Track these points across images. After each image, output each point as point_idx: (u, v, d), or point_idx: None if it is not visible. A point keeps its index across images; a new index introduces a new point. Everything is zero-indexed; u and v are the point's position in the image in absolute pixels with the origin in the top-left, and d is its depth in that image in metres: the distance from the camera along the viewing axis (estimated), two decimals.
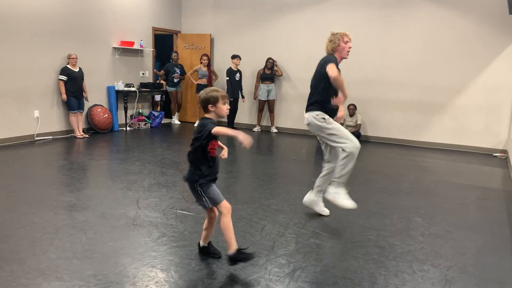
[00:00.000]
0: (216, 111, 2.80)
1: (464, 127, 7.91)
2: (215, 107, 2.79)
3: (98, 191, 4.60)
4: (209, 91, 2.81)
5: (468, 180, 5.72)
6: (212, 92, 2.80)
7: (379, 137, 8.65)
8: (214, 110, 2.79)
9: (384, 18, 8.28)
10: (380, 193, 4.90)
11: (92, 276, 2.72)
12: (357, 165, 6.66)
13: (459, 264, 3.12)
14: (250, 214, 4.02)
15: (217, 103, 2.78)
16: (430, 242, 3.52)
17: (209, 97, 2.78)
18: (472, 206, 4.60)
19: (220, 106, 2.79)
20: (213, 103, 2.78)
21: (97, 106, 8.33)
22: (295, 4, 9.06)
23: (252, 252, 2.93)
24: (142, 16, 9.30)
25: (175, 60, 9.64)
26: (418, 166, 6.48)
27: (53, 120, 7.66)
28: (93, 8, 8.16)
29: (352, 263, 3.06)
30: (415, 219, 4.06)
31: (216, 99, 2.77)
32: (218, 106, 2.79)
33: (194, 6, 10.27)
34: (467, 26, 7.64)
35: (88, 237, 3.34)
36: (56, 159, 6.10)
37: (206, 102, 2.79)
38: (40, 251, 3.06)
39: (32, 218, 3.70)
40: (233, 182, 5.24)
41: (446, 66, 7.89)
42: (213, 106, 2.78)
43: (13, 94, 6.95)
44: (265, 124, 9.75)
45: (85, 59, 7.98)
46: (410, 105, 8.29)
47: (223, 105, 2.80)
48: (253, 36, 9.62)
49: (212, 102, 2.78)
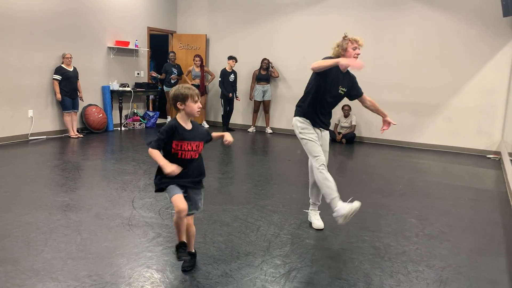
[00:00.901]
0: (186, 110, 2.67)
1: (458, 129, 7.96)
2: (184, 105, 2.66)
3: (93, 191, 4.58)
4: (179, 88, 2.68)
5: (462, 182, 5.76)
6: (182, 89, 2.67)
7: (374, 138, 8.68)
8: (183, 108, 2.67)
9: (378, 19, 8.32)
10: (375, 194, 4.92)
11: (87, 276, 2.71)
12: (352, 166, 6.73)
13: (453, 264, 3.14)
14: (245, 214, 4.02)
15: (186, 101, 2.65)
16: (425, 242, 3.54)
17: (178, 94, 2.66)
18: (466, 207, 4.63)
19: (190, 104, 2.66)
20: (181, 101, 2.65)
21: (91, 106, 8.30)
22: (290, 5, 9.08)
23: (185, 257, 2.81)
24: (137, 16, 9.28)
25: (173, 60, 9.63)
26: (412, 167, 6.52)
27: (47, 119, 7.62)
28: (88, 8, 8.13)
29: (347, 264, 3.07)
30: (409, 220, 4.08)
31: (185, 97, 2.65)
32: (187, 104, 2.66)
33: (190, 6, 10.26)
34: (461, 28, 7.69)
35: (83, 238, 3.32)
36: (50, 159, 6.06)
37: (174, 99, 2.68)
38: (34, 252, 3.04)
39: (26, 218, 3.68)
40: (228, 183, 5.24)
41: (439, 67, 7.94)
42: (182, 104, 2.66)
43: (7, 94, 6.91)
44: (260, 124, 9.76)
45: (80, 59, 7.94)
46: (404, 106, 8.33)
47: (193, 103, 2.67)
48: (248, 36, 9.63)
49: (181, 100, 2.65)
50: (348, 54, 3.56)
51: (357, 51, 3.58)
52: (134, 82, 9.38)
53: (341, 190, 4.96)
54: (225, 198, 4.55)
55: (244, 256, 3.12)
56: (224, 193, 4.74)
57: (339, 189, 3.56)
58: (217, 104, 10.12)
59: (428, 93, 8.09)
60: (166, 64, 9.63)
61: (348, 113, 8.53)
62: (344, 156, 7.40)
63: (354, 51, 3.56)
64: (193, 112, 2.69)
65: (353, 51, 3.55)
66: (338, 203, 3.43)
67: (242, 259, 3.07)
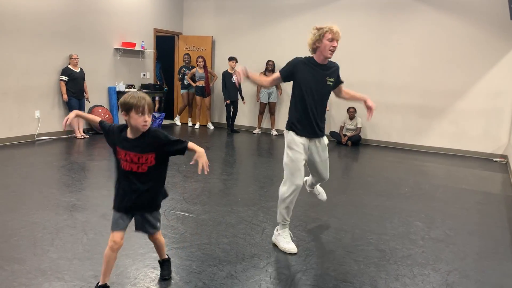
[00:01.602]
0: (129, 121, 2.29)
1: (464, 132, 7.92)
2: (128, 116, 2.28)
3: (99, 191, 4.60)
4: (127, 96, 2.30)
5: (468, 185, 5.73)
6: (129, 98, 2.28)
7: (379, 141, 8.66)
8: (127, 119, 2.30)
9: (384, 21, 8.30)
10: (380, 196, 4.90)
11: (93, 276, 2.72)
12: (357, 169, 6.72)
13: (459, 268, 3.12)
14: (250, 216, 4.02)
15: (130, 111, 2.27)
16: (431, 246, 3.52)
17: (122, 103, 2.29)
18: (472, 210, 4.60)
19: (134, 116, 2.26)
20: (125, 111, 2.28)
21: (98, 106, 8.33)
22: (296, 7, 9.09)
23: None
24: (143, 17, 9.32)
25: (187, 62, 9.68)
26: (418, 170, 6.49)
27: (53, 120, 7.66)
28: (95, 9, 8.17)
29: (353, 267, 3.06)
30: (415, 223, 4.07)
31: (129, 107, 2.26)
32: (131, 115, 2.27)
33: (196, 7, 10.29)
34: (468, 31, 7.66)
35: (89, 238, 3.34)
36: (56, 159, 6.10)
37: (119, 107, 2.33)
38: (41, 251, 3.06)
39: (33, 218, 3.71)
40: (233, 184, 5.25)
41: (446, 70, 7.91)
42: (126, 115, 2.29)
43: (14, 94, 6.96)
44: (265, 126, 9.76)
45: (87, 60, 7.99)
46: (410, 109, 8.30)
47: (137, 116, 2.26)
48: (254, 38, 9.64)
49: (125, 110, 2.28)
50: (323, 46, 3.18)
51: (334, 44, 3.17)
52: (140, 83, 9.42)
53: (346, 193, 4.98)
54: (230, 199, 4.56)
55: (249, 258, 3.12)
56: (229, 195, 4.74)
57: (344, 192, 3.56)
58: (222, 106, 10.14)
59: (435, 95, 8.07)
60: (182, 67, 9.72)
61: (354, 115, 8.52)
62: (350, 158, 7.39)
63: (330, 43, 3.16)
64: (137, 126, 2.30)
65: (329, 43, 3.16)
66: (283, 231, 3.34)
67: (247, 261, 3.07)
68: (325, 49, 3.18)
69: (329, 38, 3.15)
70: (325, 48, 3.18)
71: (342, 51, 8.61)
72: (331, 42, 3.16)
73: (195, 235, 3.50)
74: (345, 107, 8.62)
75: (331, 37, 3.15)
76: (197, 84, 9.46)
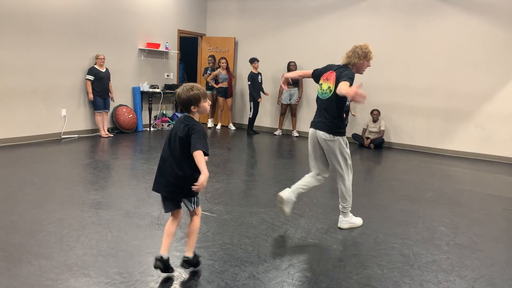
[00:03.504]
0: (199, 110, 2.64)
1: (491, 136, 7.74)
2: (198, 106, 2.62)
3: (123, 190, 4.67)
4: (189, 90, 2.59)
5: (494, 190, 5.60)
6: (194, 90, 2.59)
7: (403, 144, 8.54)
8: (196, 110, 2.63)
9: (409, 23, 8.18)
10: (404, 201, 4.83)
11: (117, 273, 2.76)
12: (380, 172, 6.64)
13: (486, 276, 3.05)
14: (272, 217, 4.02)
15: (199, 102, 2.60)
16: (456, 252, 3.45)
17: (191, 98, 2.58)
18: (499, 217, 4.49)
19: (203, 105, 2.63)
20: (196, 103, 2.60)
21: (122, 106, 8.47)
22: (319, 9, 9.04)
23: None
24: (168, 19, 9.42)
25: (212, 64, 9.78)
26: (443, 175, 6.37)
27: (79, 119, 7.82)
28: (121, 10, 8.31)
29: (376, 271, 3.02)
30: (440, 228, 3.99)
31: (199, 98, 2.60)
32: (200, 105, 2.62)
33: (219, 9, 10.35)
34: (495, 32, 7.49)
35: (114, 235, 3.39)
36: (81, 158, 6.22)
37: (188, 103, 2.60)
38: (67, 247, 3.12)
39: (59, 214, 3.79)
40: (254, 185, 5.25)
41: (472, 72, 7.75)
42: (196, 107, 2.61)
43: (42, 93, 7.13)
44: (287, 128, 9.74)
45: (112, 60, 8.12)
46: (435, 112, 8.16)
47: (205, 102, 2.64)
48: (276, 40, 9.64)
49: (196, 102, 2.60)
50: (362, 65, 3.66)
51: (369, 64, 3.71)
52: (164, 83, 9.53)
53: (369, 196, 4.92)
54: (251, 200, 4.56)
55: (271, 259, 3.12)
56: (250, 196, 4.75)
57: (367, 195, 3.52)
58: (243, 107, 10.17)
59: (460, 98, 7.91)
60: (206, 68, 9.80)
61: (377, 118, 8.42)
62: (373, 161, 7.31)
63: (367, 63, 3.68)
64: (206, 111, 2.69)
65: (367, 63, 3.68)
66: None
67: (269, 262, 3.07)
68: (363, 68, 3.70)
69: (368, 59, 3.66)
70: (363, 67, 3.69)
71: None
72: (368, 62, 3.69)
73: (217, 235, 3.52)
74: (368, 110, 8.53)
75: (370, 59, 3.67)
76: (220, 85, 9.51)
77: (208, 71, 9.73)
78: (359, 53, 3.60)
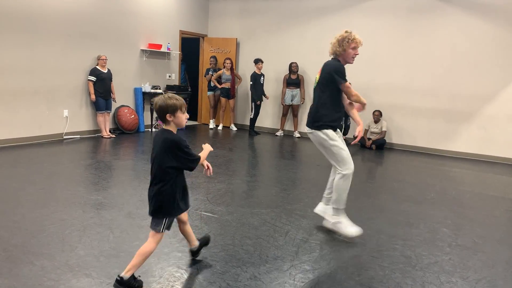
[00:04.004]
0: (174, 121, 2.52)
1: (493, 137, 7.72)
2: (173, 116, 2.51)
3: (125, 190, 4.68)
4: (167, 98, 2.50)
5: (496, 192, 5.58)
6: (170, 99, 2.50)
7: (404, 145, 8.53)
8: (172, 120, 2.51)
9: (411, 24, 8.18)
10: (406, 202, 4.83)
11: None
12: (382, 173, 6.64)
13: (488, 277, 3.04)
14: (273, 218, 4.02)
15: (176, 112, 2.50)
16: (458, 253, 3.44)
17: (167, 106, 2.48)
18: (501, 218, 4.48)
19: (179, 115, 2.52)
20: (171, 113, 2.50)
21: (124, 107, 8.48)
22: (321, 10, 9.04)
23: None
24: (170, 20, 9.43)
25: (213, 65, 9.79)
26: (444, 176, 6.36)
27: (81, 119, 7.83)
28: (123, 11, 8.32)
29: (378, 272, 3.02)
30: (442, 229, 3.99)
31: (174, 108, 2.49)
32: (177, 115, 2.51)
33: (221, 10, 10.36)
34: (497, 33, 7.47)
35: (115, 236, 3.39)
36: (83, 158, 6.23)
37: (163, 111, 2.50)
38: (69, 248, 3.12)
39: (61, 215, 3.79)
40: (256, 186, 5.25)
41: (474, 73, 7.74)
42: (171, 116, 2.50)
43: (44, 93, 7.14)
44: (288, 128, 9.74)
45: (114, 61, 8.14)
46: (437, 113, 8.15)
47: (182, 114, 2.53)
48: (278, 40, 9.64)
49: (171, 111, 2.49)
50: (347, 54, 3.51)
51: (356, 52, 3.53)
52: (166, 84, 9.53)
53: (371, 197, 4.92)
54: (253, 201, 4.56)
55: (273, 260, 3.12)
56: (252, 196, 4.75)
57: (369, 196, 3.52)
58: (245, 108, 10.17)
59: (462, 100, 7.90)
60: (208, 69, 9.81)
61: (379, 119, 8.42)
62: (374, 162, 7.30)
63: (354, 51, 3.52)
64: (182, 124, 2.57)
65: (352, 51, 3.51)
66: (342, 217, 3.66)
67: (271, 263, 3.07)
68: (349, 57, 3.54)
69: (352, 46, 3.50)
70: (349, 55, 3.53)
71: (367, 54, 8.58)
72: (354, 50, 3.51)
73: (218, 235, 3.52)
74: (370, 111, 8.53)
75: (354, 46, 3.50)
76: (222, 85, 9.52)
77: (210, 72, 9.74)
78: (341, 42, 3.50)
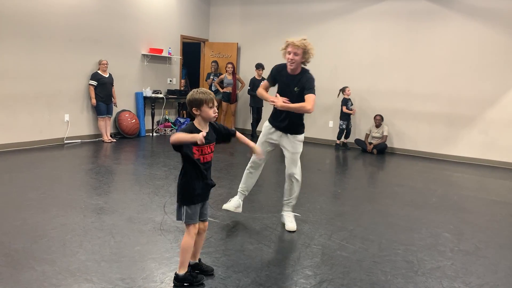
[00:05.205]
0: (201, 115, 2.62)
1: (494, 142, 7.71)
2: (200, 110, 2.61)
3: (126, 195, 4.67)
4: (194, 93, 2.62)
5: (498, 196, 5.57)
6: (197, 94, 2.61)
7: (406, 150, 8.52)
8: (199, 113, 2.62)
9: (412, 29, 8.19)
10: (408, 206, 4.81)
11: (120, 279, 2.75)
12: (383, 178, 6.62)
13: (490, 282, 3.03)
14: (275, 223, 4.01)
15: (201, 106, 2.59)
16: (460, 258, 3.43)
17: (193, 100, 2.61)
18: (504, 223, 4.47)
19: (205, 109, 2.60)
20: (196, 106, 2.60)
21: (125, 111, 8.48)
22: (322, 15, 9.06)
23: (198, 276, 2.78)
24: (171, 24, 9.46)
25: (215, 69, 9.81)
26: (446, 180, 6.35)
27: (82, 124, 7.83)
28: (124, 16, 8.34)
29: (380, 277, 3.01)
30: (444, 234, 3.97)
31: (200, 102, 2.59)
32: (202, 109, 2.60)
33: (222, 14, 10.39)
34: (497, 37, 7.48)
35: (116, 241, 3.38)
36: (84, 163, 6.22)
37: (190, 105, 2.63)
38: (70, 253, 3.11)
39: (62, 219, 3.78)
40: (257, 191, 5.23)
41: (476, 78, 7.74)
42: (197, 110, 2.61)
43: (45, 98, 7.15)
44: None
45: (115, 65, 8.15)
46: (438, 117, 8.15)
47: (208, 108, 2.61)
48: (279, 45, 9.56)
49: (196, 105, 2.60)
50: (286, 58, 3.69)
51: (288, 56, 3.62)
52: (167, 89, 9.55)
53: (372, 202, 4.90)
54: (254, 206, 4.55)
55: (275, 265, 3.11)
56: (253, 201, 4.74)
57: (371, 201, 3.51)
58: (246, 112, 10.17)
59: (463, 104, 7.90)
60: (209, 74, 9.84)
61: (380, 123, 8.41)
62: (375, 167, 7.28)
63: (289, 55, 3.61)
64: (209, 117, 2.64)
65: (288, 56, 3.62)
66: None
67: (273, 268, 3.05)
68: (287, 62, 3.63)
69: (288, 51, 3.64)
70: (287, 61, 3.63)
71: (369, 59, 8.59)
72: (289, 55, 3.64)
73: (220, 240, 3.51)
74: (371, 115, 8.53)
75: (289, 50, 3.64)
76: (224, 90, 9.53)
77: (211, 77, 9.75)
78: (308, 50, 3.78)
